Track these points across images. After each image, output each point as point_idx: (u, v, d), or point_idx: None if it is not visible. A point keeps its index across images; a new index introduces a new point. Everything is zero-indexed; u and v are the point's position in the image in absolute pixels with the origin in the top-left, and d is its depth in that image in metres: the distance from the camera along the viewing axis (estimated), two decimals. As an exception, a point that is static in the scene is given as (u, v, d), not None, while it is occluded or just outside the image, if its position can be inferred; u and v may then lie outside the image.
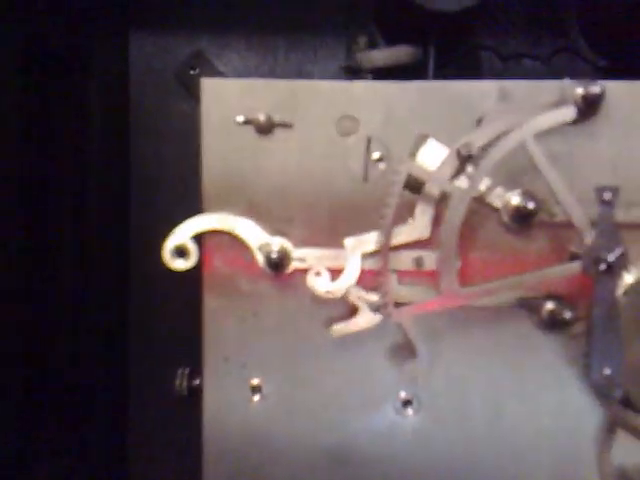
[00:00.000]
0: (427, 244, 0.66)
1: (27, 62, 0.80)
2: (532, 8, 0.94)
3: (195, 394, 0.71)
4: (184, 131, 0.93)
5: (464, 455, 0.69)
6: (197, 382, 0.71)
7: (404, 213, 0.65)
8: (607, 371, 0.61)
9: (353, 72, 0.83)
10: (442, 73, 0.86)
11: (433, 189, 0.64)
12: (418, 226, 0.65)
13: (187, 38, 0.97)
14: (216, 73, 0.95)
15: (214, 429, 0.69)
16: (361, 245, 0.65)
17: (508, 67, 0.89)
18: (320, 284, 0.66)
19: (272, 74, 0.97)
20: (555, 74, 0.81)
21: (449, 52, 0.88)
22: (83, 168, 0.94)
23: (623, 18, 0.87)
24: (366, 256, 0.66)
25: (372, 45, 0.88)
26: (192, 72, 0.91)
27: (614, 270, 0.60)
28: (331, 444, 0.69)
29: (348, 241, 0.66)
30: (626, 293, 0.61)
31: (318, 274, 0.66)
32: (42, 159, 0.86)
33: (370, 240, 0.65)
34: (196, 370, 0.71)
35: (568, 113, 0.62)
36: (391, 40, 0.91)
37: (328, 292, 0.66)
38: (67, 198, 0.92)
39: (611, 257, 0.59)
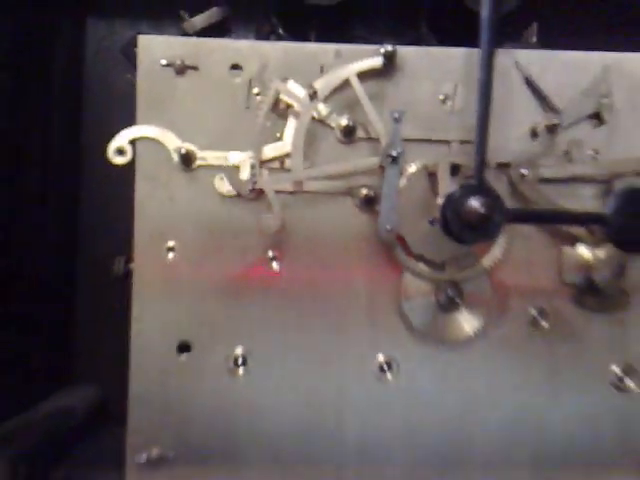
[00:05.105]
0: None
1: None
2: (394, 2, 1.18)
3: (129, 276, 0.94)
4: (129, 95, 1.09)
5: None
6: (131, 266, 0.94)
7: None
8: (388, 227, 0.93)
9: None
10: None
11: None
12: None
13: (129, 23, 1.33)
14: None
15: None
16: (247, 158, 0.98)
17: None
18: (222, 186, 0.98)
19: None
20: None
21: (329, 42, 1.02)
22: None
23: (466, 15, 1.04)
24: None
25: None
26: (135, 49, 1.06)
27: (397, 161, 0.94)
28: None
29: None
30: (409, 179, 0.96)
31: (221, 178, 0.98)
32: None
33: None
34: (130, 257, 0.94)
35: (376, 61, 0.96)
36: (289, 31, 1.17)
37: (229, 191, 0.98)
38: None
39: (394, 152, 0.93)
